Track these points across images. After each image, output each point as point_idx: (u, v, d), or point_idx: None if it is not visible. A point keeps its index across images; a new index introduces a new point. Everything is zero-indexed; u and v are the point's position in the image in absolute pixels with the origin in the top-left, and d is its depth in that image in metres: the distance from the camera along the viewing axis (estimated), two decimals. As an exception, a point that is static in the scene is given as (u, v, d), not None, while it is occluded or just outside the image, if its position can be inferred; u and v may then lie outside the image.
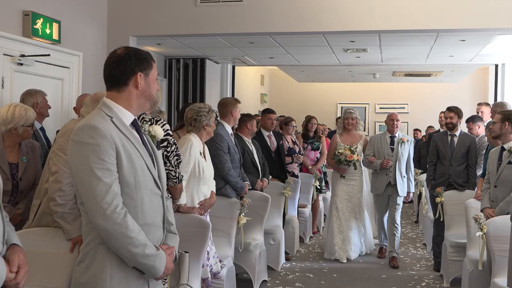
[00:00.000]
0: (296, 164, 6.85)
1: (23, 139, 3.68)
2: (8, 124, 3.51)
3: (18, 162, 3.61)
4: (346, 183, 6.35)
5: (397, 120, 6.21)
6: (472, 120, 6.14)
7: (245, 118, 5.45)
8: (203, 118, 3.91)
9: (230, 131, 4.82)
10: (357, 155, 6.14)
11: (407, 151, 6.15)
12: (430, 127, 10.64)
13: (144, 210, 2.05)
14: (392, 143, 6.13)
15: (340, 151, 6.13)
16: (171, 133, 3.26)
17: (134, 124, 2.14)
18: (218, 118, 4.81)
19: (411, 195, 6.44)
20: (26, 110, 3.63)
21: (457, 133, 5.71)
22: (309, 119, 7.63)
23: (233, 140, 4.85)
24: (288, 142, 6.83)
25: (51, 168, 3.02)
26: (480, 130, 5.94)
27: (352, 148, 6.14)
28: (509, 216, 3.63)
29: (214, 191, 4.13)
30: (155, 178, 2.12)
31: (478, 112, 6.60)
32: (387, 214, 6.26)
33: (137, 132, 2.13)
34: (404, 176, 6.11)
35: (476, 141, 5.77)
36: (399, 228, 6.26)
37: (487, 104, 6.92)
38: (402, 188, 6.11)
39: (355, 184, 6.37)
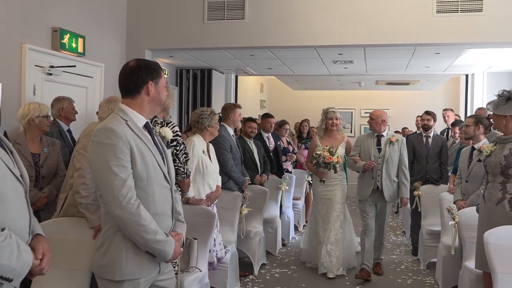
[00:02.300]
0: (290, 162, 6.84)
1: (42, 131, 3.82)
2: (25, 117, 3.70)
3: (40, 153, 3.75)
4: (327, 188, 5.05)
5: (382, 120, 4.86)
6: (457, 124, 6.19)
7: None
8: (205, 120, 3.91)
9: (231, 132, 4.81)
10: (337, 157, 4.83)
11: (396, 152, 4.81)
12: (404, 128, 10.72)
13: (155, 202, 2.05)
14: (379, 143, 4.86)
15: (318, 152, 4.84)
16: (180, 134, 3.25)
17: (146, 126, 2.13)
18: (221, 121, 4.80)
19: (406, 200, 4.91)
20: (39, 104, 3.84)
21: (431, 135, 5.75)
22: (301, 122, 7.76)
23: (234, 141, 4.85)
24: (283, 143, 6.83)
25: (75, 165, 3.03)
26: None
27: (331, 150, 4.85)
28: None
29: (220, 185, 4.12)
30: (164, 174, 2.11)
31: (444, 117, 6.71)
32: (373, 228, 4.91)
33: (149, 133, 2.13)
34: (394, 181, 4.82)
35: (446, 141, 5.82)
36: (385, 236, 5.11)
37: (451, 110, 7.15)
38: (391, 193, 4.81)
39: (336, 189, 5.05)
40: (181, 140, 3.23)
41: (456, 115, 7.45)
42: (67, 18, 5.28)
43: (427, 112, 5.83)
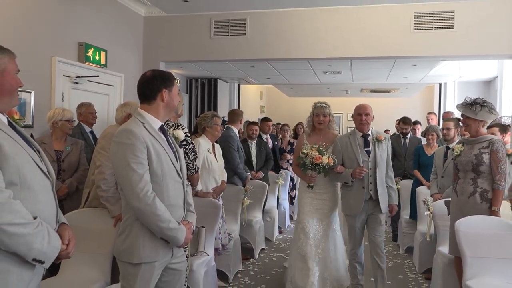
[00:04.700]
0: (284, 161, 6.79)
1: (65, 133, 3.85)
2: (50, 120, 3.79)
3: (63, 150, 3.81)
4: (316, 197, 3.69)
5: (367, 115, 3.53)
6: (418, 123, 6.36)
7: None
8: (203, 122, 3.95)
9: (237, 133, 4.82)
10: (328, 157, 3.48)
11: (385, 152, 3.57)
12: (386, 130, 10.72)
13: (169, 194, 2.04)
14: (366, 144, 3.54)
15: (304, 151, 3.53)
16: (189, 135, 3.25)
17: (161, 128, 2.12)
18: (227, 124, 4.81)
19: (396, 208, 3.65)
20: (63, 109, 3.90)
21: (408, 136, 5.80)
22: (296, 125, 7.77)
23: (239, 141, 4.86)
24: (282, 143, 6.82)
25: (96, 163, 3.03)
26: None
27: (321, 148, 3.51)
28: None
29: (225, 180, 4.11)
30: (177, 170, 2.10)
31: (428, 119, 6.72)
32: (362, 244, 3.65)
33: (163, 135, 2.12)
34: (386, 187, 3.58)
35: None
36: (384, 256, 3.64)
37: (435, 114, 7.29)
38: (385, 202, 3.54)
39: (327, 198, 3.70)
40: (190, 140, 3.23)
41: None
42: (92, 34, 5.28)
43: (404, 122, 5.86)
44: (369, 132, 3.59)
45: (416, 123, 6.36)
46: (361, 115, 3.55)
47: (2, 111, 1.66)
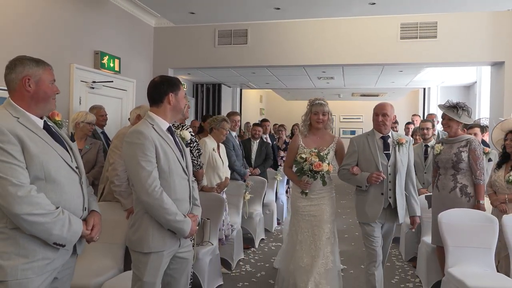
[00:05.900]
0: (278, 157, 6.74)
1: (85, 134, 3.88)
2: (74, 121, 3.84)
3: (82, 149, 3.82)
4: (311, 203, 3.06)
5: (384, 115, 2.94)
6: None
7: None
8: (213, 123, 3.98)
9: (234, 134, 4.82)
10: (328, 163, 2.93)
11: (406, 156, 2.94)
12: None
13: (175, 190, 2.04)
14: (386, 147, 2.93)
15: (303, 156, 2.94)
16: (193, 134, 3.25)
17: (169, 129, 2.12)
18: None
19: (418, 220, 3.01)
20: (86, 112, 3.95)
21: None
22: (293, 126, 7.77)
23: (237, 141, 4.85)
24: (278, 142, 6.80)
25: (109, 161, 3.03)
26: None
27: (321, 154, 2.96)
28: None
29: (229, 176, 4.11)
30: (183, 167, 2.10)
31: (413, 121, 6.72)
32: (381, 257, 2.96)
33: (171, 135, 2.11)
34: (406, 195, 2.97)
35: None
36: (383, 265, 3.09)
37: (419, 116, 7.26)
38: (402, 211, 2.93)
39: (324, 203, 3.07)
40: (194, 138, 3.23)
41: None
42: (106, 43, 5.28)
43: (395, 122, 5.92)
44: (389, 134, 2.99)
45: (409, 123, 6.45)
46: (378, 115, 2.96)
47: (40, 115, 1.72)
